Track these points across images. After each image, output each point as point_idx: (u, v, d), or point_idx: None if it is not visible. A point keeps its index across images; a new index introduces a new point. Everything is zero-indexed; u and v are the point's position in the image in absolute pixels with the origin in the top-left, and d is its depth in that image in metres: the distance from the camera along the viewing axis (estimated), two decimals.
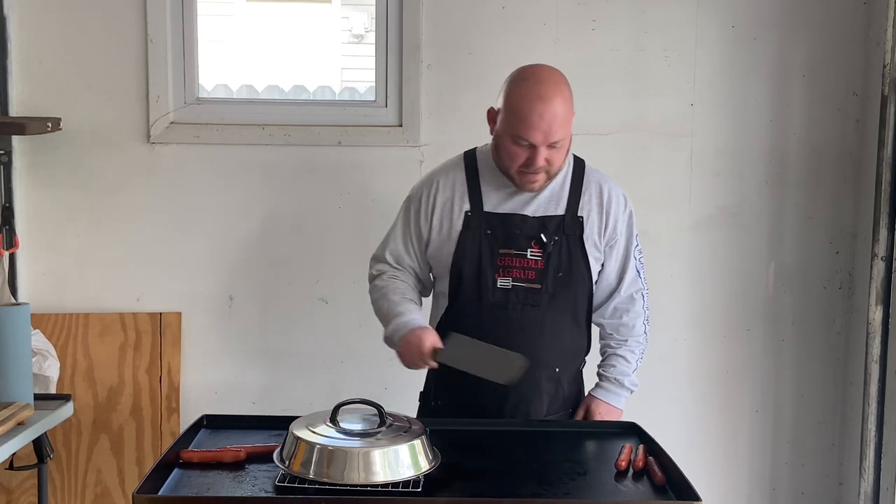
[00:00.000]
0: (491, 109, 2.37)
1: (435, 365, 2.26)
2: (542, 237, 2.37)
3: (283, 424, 2.00)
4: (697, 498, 1.80)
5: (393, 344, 2.36)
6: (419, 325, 2.32)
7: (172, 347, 3.26)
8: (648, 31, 3.24)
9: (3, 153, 3.12)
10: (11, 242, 3.12)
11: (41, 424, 2.24)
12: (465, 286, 2.38)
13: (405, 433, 1.92)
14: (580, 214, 2.40)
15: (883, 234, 3.06)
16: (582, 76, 2.33)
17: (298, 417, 2.00)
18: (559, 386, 2.47)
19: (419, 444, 1.90)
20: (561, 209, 2.39)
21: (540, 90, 2.27)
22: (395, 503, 1.81)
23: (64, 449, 3.22)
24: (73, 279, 3.26)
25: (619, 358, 2.50)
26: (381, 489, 1.82)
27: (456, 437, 2.14)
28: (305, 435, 1.89)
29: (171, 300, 3.28)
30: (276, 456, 1.91)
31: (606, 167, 2.48)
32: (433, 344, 2.25)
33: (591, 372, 2.55)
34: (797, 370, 3.41)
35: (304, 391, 3.29)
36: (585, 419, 2.46)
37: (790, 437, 3.44)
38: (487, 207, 2.39)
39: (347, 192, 3.27)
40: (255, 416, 2.28)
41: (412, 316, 2.35)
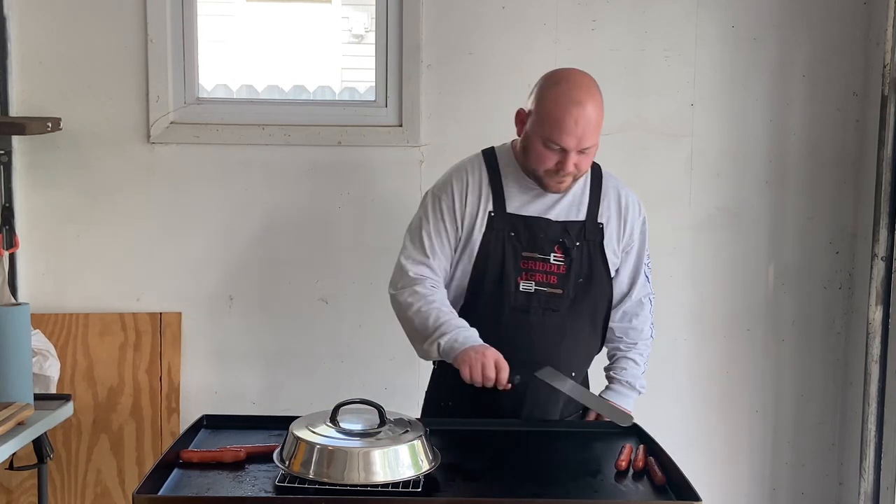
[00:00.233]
0: (521, 111, 2.34)
1: (508, 386, 2.20)
2: (565, 242, 2.35)
3: (283, 424, 2.00)
4: (697, 498, 1.80)
5: (451, 351, 2.24)
6: (484, 343, 2.25)
7: (172, 347, 3.26)
8: (648, 31, 3.24)
9: (3, 153, 3.12)
10: (11, 242, 3.11)
11: (41, 424, 2.24)
12: (486, 287, 2.35)
13: (405, 433, 1.92)
14: (600, 221, 2.40)
15: (883, 234, 3.06)
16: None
17: (298, 417, 2.00)
18: (573, 389, 2.47)
19: (419, 444, 1.90)
20: (582, 215, 2.39)
21: (575, 95, 2.24)
22: (395, 503, 1.81)
23: (64, 449, 3.22)
24: (73, 279, 3.26)
25: (629, 361, 2.50)
26: (381, 489, 1.82)
27: (456, 437, 2.14)
28: (305, 435, 1.89)
29: (171, 300, 3.28)
30: (276, 456, 1.91)
31: (607, 167, 2.48)
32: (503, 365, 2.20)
33: (591, 372, 2.56)
34: (797, 370, 3.41)
35: (304, 391, 3.29)
36: (597, 420, 2.45)
37: (790, 437, 3.44)
38: (510, 209, 2.36)
39: (347, 192, 3.27)
40: (255, 416, 2.28)
41: (475, 332, 2.27)
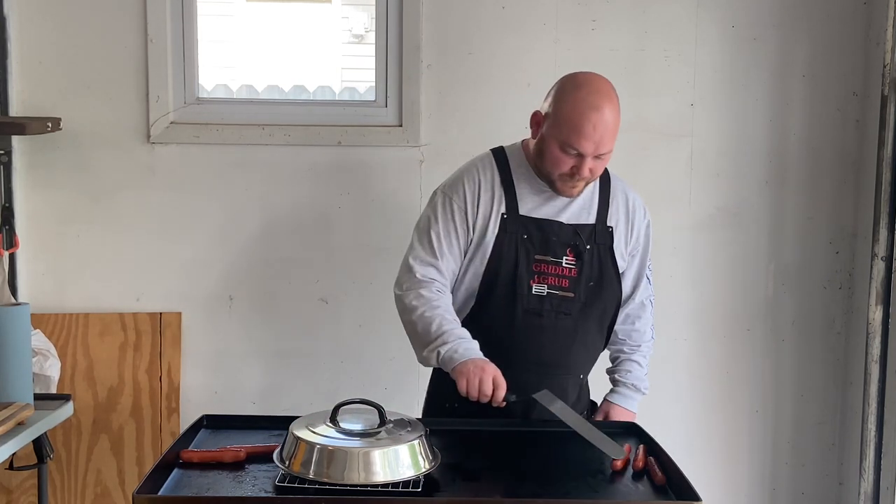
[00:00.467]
0: (537, 113, 2.32)
1: (502, 403, 2.18)
2: (577, 245, 2.34)
3: (283, 424, 2.00)
4: (697, 498, 1.80)
5: (450, 361, 2.21)
6: (484, 357, 2.22)
7: (172, 347, 3.26)
8: (648, 31, 3.24)
9: (3, 153, 3.12)
10: (11, 242, 3.11)
11: (41, 424, 2.24)
12: (498, 290, 2.33)
13: (405, 433, 1.92)
14: (609, 224, 2.40)
15: (883, 234, 3.06)
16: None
17: (298, 417, 2.00)
18: (582, 391, 2.49)
19: (419, 444, 1.90)
20: (591, 218, 2.38)
21: (595, 100, 2.23)
22: (395, 503, 1.81)
23: (64, 449, 3.22)
24: (73, 279, 3.26)
25: (633, 363, 2.50)
26: (381, 489, 1.82)
27: (456, 437, 2.14)
28: (305, 435, 1.89)
29: (171, 300, 3.28)
30: (276, 456, 1.91)
31: (608, 167, 2.47)
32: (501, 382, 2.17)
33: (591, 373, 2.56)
34: (797, 370, 3.41)
35: (304, 391, 3.29)
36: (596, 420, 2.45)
37: (790, 437, 3.44)
38: (522, 211, 2.34)
39: (347, 192, 3.27)
40: (255, 416, 2.28)
41: (476, 344, 2.25)
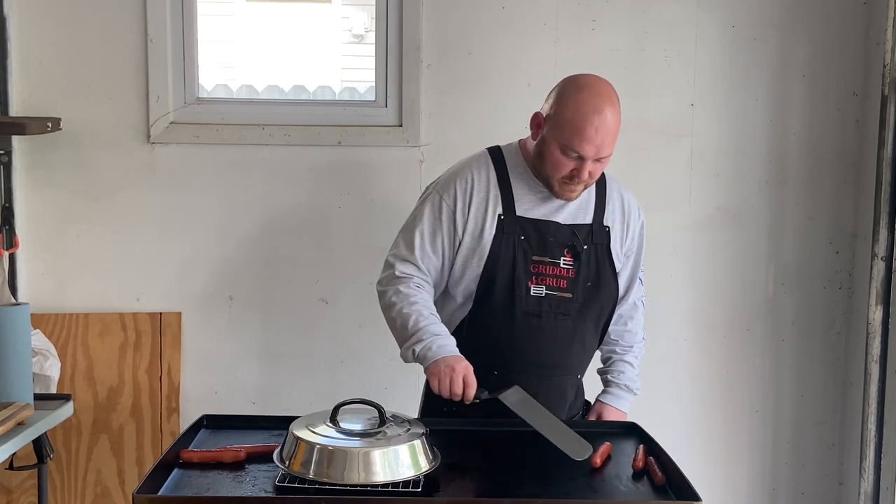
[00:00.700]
0: (537, 114, 2.30)
1: (470, 398, 2.17)
2: (574, 246, 2.33)
3: (283, 424, 2.00)
4: (697, 498, 1.80)
5: (424, 360, 2.23)
6: (458, 353, 2.22)
7: (172, 347, 3.26)
8: (648, 31, 3.24)
9: (3, 153, 3.11)
10: (11, 242, 3.11)
11: (41, 424, 2.24)
12: (496, 292, 2.31)
13: (405, 433, 1.92)
14: (606, 224, 2.39)
15: (883, 234, 3.06)
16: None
17: (298, 417, 2.00)
18: (579, 391, 2.49)
19: (419, 444, 1.90)
20: (588, 218, 2.37)
21: (597, 103, 2.21)
22: (395, 503, 1.81)
23: (64, 449, 3.22)
24: (73, 279, 3.26)
25: (626, 364, 2.50)
26: (381, 489, 1.82)
27: (456, 437, 2.14)
28: (305, 435, 1.89)
29: (171, 300, 3.28)
30: (276, 456, 1.91)
31: (608, 167, 2.47)
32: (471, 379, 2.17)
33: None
34: (797, 370, 3.41)
35: (304, 391, 3.29)
36: (597, 420, 2.45)
37: (790, 437, 3.44)
38: (519, 212, 2.32)
39: (347, 192, 3.27)
40: (255, 416, 2.28)
41: (451, 340, 2.24)
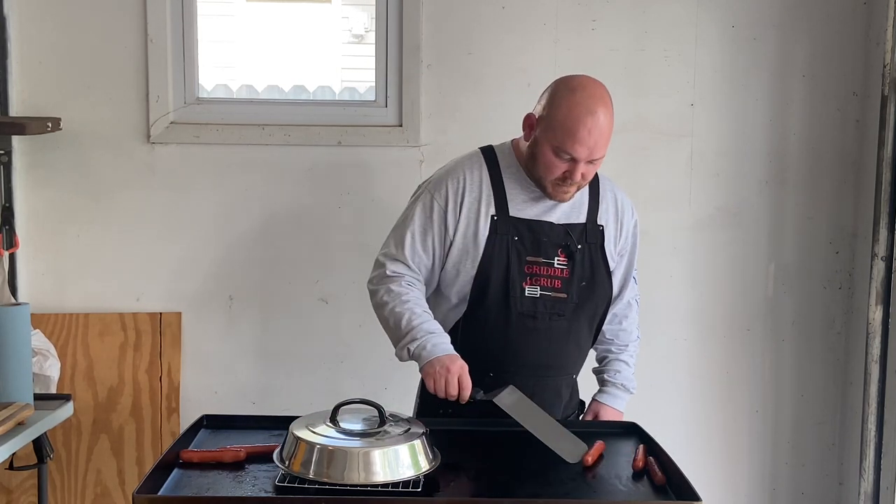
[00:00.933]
0: (530, 115, 2.29)
1: (465, 399, 2.17)
2: (568, 246, 2.32)
3: (283, 424, 2.00)
4: (697, 498, 1.80)
5: (419, 359, 2.22)
6: (453, 352, 2.22)
7: (172, 347, 3.26)
8: (648, 31, 3.24)
9: (3, 153, 3.11)
10: (11, 242, 3.11)
11: (41, 424, 2.24)
12: (490, 293, 2.30)
13: (405, 433, 1.92)
14: (600, 223, 2.38)
15: (883, 234, 3.06)
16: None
17: (298, 417, 2.00)
18: (574, 391, 2.49)
19: (419, 444, 1.90)
20: (582, 217, 2.36)
21: (590, 104, 2.19)
22: (395, 503, 1.81)
23: (64, 449, 3.22)
24: (73, 279, 3.26)
25: (621, 363, 2.50)
26: (381, 489, 1.82)
27: (456, 437, 2.14)
28: (305, 435, 1.89)
29: (171, 300, 3.28)
30: (276, 456, 1.91)
31: (607, 167, 2.47)
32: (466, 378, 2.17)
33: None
34: (797, 370, 3.41)
35: (304, 391, 3.29)
36: (596, 420, 2.45)
37: (790, 437, 3.44)
38: (513, 212, 2.31)
39: (347, 191, 3.27)
40: (255, 416, 2.29)
41: (445, 338, 2.24)
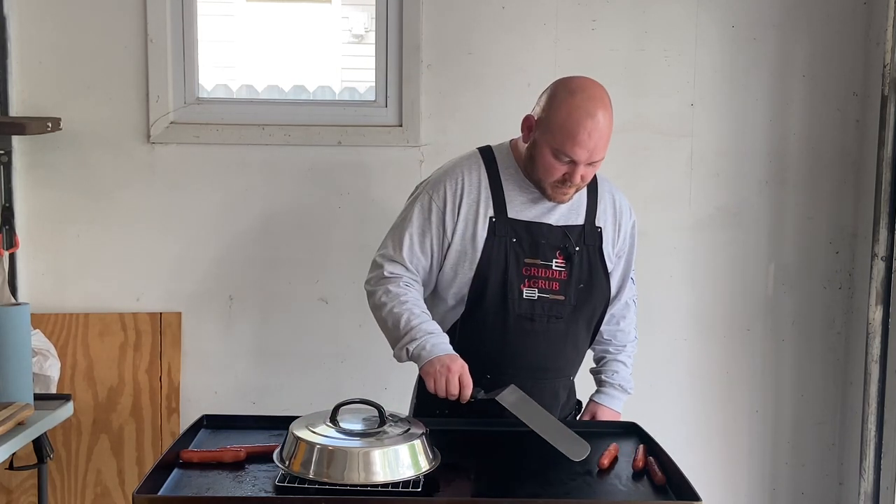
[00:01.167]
0: (529, 117, 2.28)
1: (466, 399, 2.17)
2: (567, 248, 2.32)
3: (283, 424, 2.00)
4: (697, 498, 1.80)
5: (418, 359, 2.22)
6: (453, 352, 2.21)
7: (172, 347, 3.26)
8: (648, 31, 3.24)
9: (3, 153, 3.12)
10: (11, 242, 3.11)
11: (41, 424, 2.24)
12: (488, 295, 2.29)
13: (405, 433, 1.92)
14: (598, 224, 2.37)
15: (883, 234, 3.06)
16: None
17: (298, 417, 2.00)
18: (571, 392, 2.49)
19: (419, 444, 1.90)
20: (580, 219, 2.35)
21: (590, 107, 2.18)
22: (395, 503, 1.81)
23: (64, 449, 3.22)
24: (73, 279, 3.26)
25: (619, 364, 2.50)
26: (381, 489, 1.82)
27: (456, 437, 2.14)
28: (305, 435, 1.89)
29: (171, 300, 3.28)
30: (276, 456, 1.91)
31: (607, 167, 2.47)
32: (466, 377, 2.17)
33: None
34: (797, 370, 3.41)
35: (304, 391, 3.29)
36: (596, 420, 2.45)
37: (790, 437, 3.44)
38: (511, 214, 2.30)
39: (347, 192, 3.27)
40: (255, 416, 2.28)
41: (445, 338, 2.23)
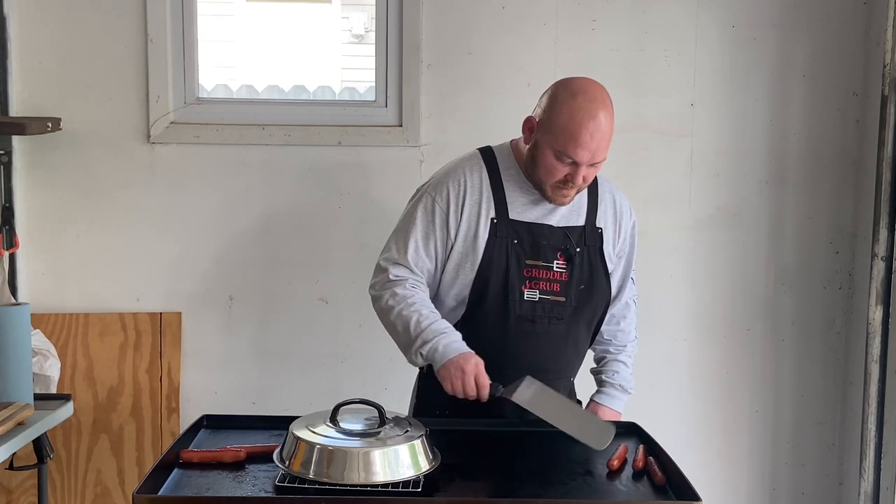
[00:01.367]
0: (530, 119, 2.27)
1: (485, 398, 2.17)
2: (568, 249, 2.31)
3: (283, 424, 2.00)
4: (697, 498, 1.80)
5: (433, 363, 2.21)
6: (469, 350, 2.20)
7: (172, 347, 3.26)
8: (648, 31, 3.24)
9: (3, 153, 3.12)
10: (11, 242, 3.11)
11: (41, 424, 2.24)
12: (489, 297, 2.29)
13: (405, 433, 1.92)
14: (599, 225, 2.37)
15: (883, 234, 3.06)
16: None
17: (298, 417, 2.00)
18: (571, 393, 2.49)
19: (419, 444, 1.90)
20: (581, 220, 2.35)
21: (592, 108, 2.18)
22: (395, 503, 1.81)
23: (64, 449, 3.22)
24: (73, 279, 3.26)
25: (620, 364, 2.49)
26: (381, 489, 1.82)
27: (456, 437, 2.14)
28: (305, 435, 1.89)
29: (171, 300, 3.28)
30: (276, 456, 1.91)
31: (607, 167, 2.47)
32: (483, 375, 2.16)
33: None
34: (797, 370, 3.41)
35: (304, 391, 3.29)
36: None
37: (790, 437, 3.44)
38: (512, 215, 2.30)
39: (347, 192, 3.27)
40: (255, 416, 2.28)
41: (456, 336, 2.22)
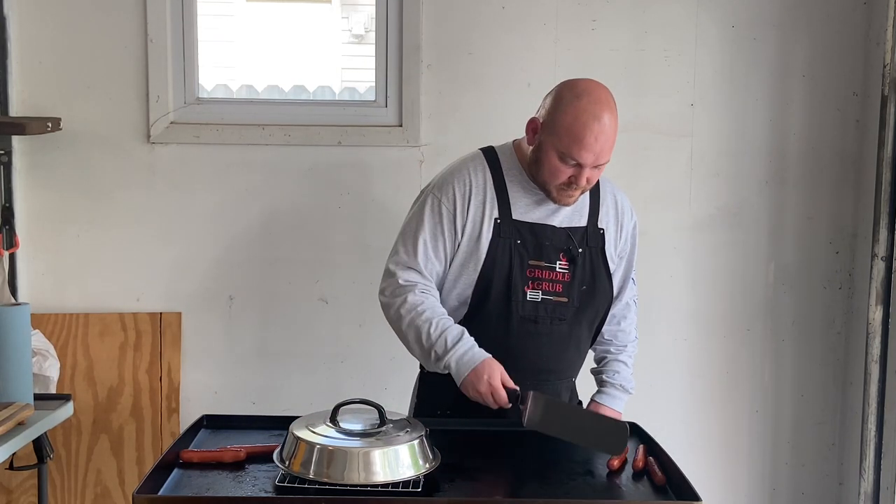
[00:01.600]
0: (534, 120, 2.27)
1: (507, 405, 2.17)
2: (570, 249, 2.32)
3: (283, 424, 2.01)
4: (697, 498, 1.80)
5: (455, 378, 2.22)
6: (482, 358, 2.20)
7: (172, 347, 3.26)
8: (648, 31, 3.24)
9: (3, 153, 3.12)
10: (11, 242, 3.11)
11: (41, 424, 2.24)
12: (492, 297, 2.29)
13: (405, 433, 1.92)
14: (600, 226, 2.37)
15: (883, 234, 3.06)
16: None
17: (298, 417, 2.00)
18: (573, 394, 2.49)
19: (419, 444, 1.91)
20: (583, 220, 2.36)
21: (596, 110, 2.18)
22: (395, 503, 1.81)
23: (64, 449, 3.22)
24: (73, 279, 3.26)
25: (620, 364, 2.49)
26: (381, 489, 1.82)
27: (456, 437, 2.14)
28: (305, 435, 1.89)
29: (171, 300, 3.28)
30: (276, 456, 1.91)
31: (607, 167, 2.47)
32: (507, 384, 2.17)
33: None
34: (797, 370, 3.41)
35: (304, 391, 3.29)
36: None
37: (790, 437, 3.44)
38: (516, 215, 2.30)
39: (347, 192, 3.27)
40: (255, 416, 2.28)
41: (465, 346, 2.22)
